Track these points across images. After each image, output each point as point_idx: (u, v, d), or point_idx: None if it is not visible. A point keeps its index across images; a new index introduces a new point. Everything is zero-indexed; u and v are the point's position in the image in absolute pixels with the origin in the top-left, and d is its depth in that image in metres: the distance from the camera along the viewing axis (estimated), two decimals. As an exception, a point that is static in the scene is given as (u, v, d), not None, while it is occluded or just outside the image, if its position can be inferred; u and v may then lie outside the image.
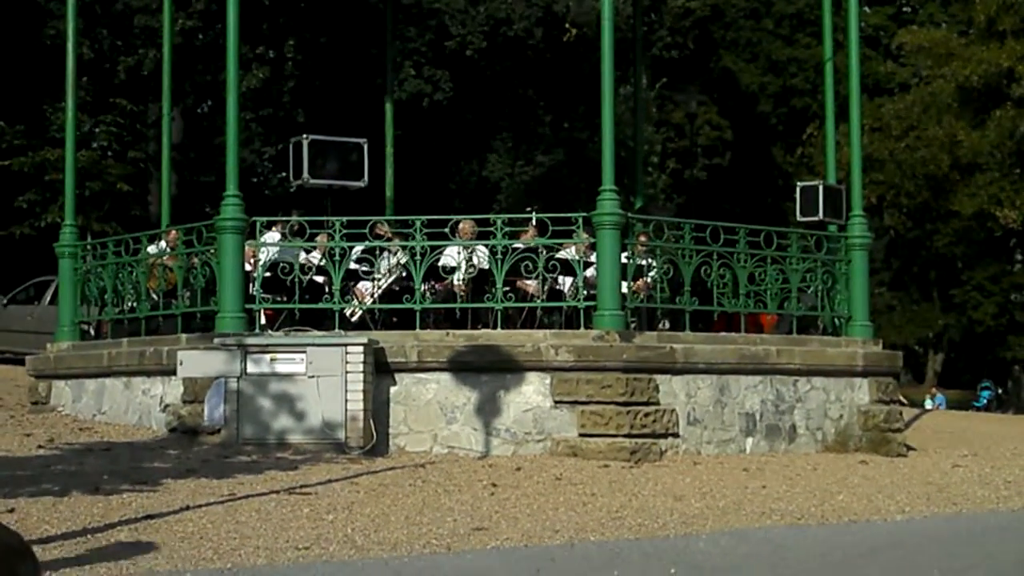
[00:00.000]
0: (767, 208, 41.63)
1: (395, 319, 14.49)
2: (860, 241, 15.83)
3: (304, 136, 15.42)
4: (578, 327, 13.67)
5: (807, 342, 15.19)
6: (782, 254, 15.15)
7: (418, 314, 13.73)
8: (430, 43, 35.97)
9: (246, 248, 14.04)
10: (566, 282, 14.39)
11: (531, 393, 13.20)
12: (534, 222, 14.81)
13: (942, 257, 46.15)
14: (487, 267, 13.92)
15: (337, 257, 13.80)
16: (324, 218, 14.50)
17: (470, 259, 14.16)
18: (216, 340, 13.10)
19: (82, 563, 7.26)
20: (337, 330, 13.55)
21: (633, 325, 14.05)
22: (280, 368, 12.70)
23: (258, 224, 14.39)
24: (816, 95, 40.17)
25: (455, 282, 14.23)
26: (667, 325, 15.38)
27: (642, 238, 14.30)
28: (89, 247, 16.68)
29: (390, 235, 14.97)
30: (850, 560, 8.71)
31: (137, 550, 7.71)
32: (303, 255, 14.70)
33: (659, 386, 13.43)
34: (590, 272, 13.92)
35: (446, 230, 14.06)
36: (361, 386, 12.64)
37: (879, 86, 44.23)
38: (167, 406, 14.02)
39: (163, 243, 16.11)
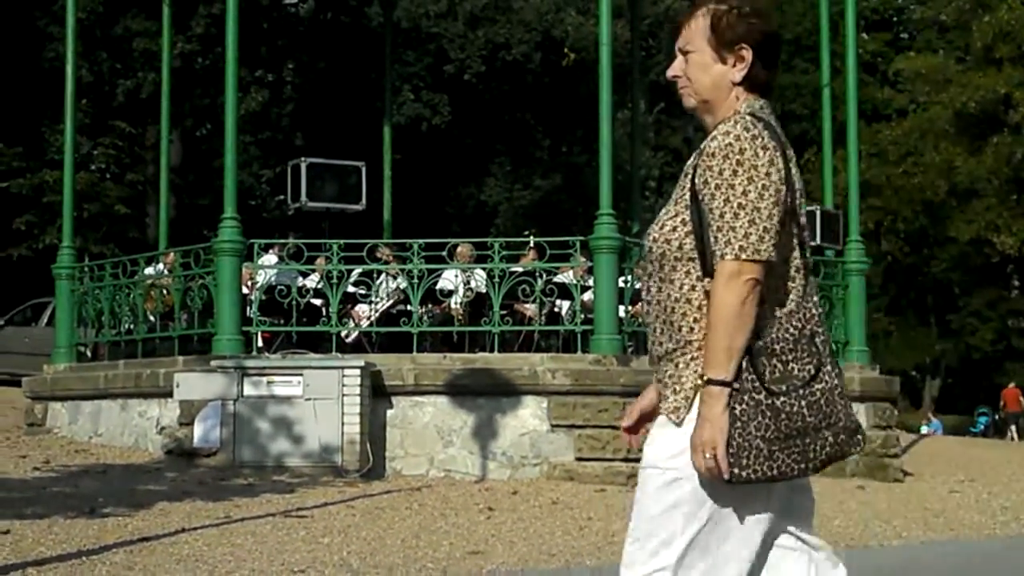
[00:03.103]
0: (765, 233, 41.55)
1: (392, 342, 14.48)
2: (857, 266, 15.84)
3: (302, 159, 15.44)
4: (575, 351, 13.66)
5: (804, 367, 15.15)
6: (779, 279, 15.12)
7: (415, 337, 13.72)
8: (429, 67, 36.10)
9: (243, 270, 14.05)
10: (563, 306, 14.39)
11: (528, 417, 13.19)
12: (532, 245, 14.81)
13: (939, 283, 46.25)
14: (484, 291, 13.93)
15: (335, 280, 13.81)
16: (322, 241, 14.52)
17: (467, 283, 14.16)
18: (213, 362, 13.09)
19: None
20: (334, 353, 13.55)
21: (630, 349, 14.04)
22: (277, 391, 12.69)
23: (256, 247, 14.40)
24: (814, 120, 40.20)
25: (452, 305, 14.23)
26: (664, 349, 15.34)
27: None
28: (86, 269, 16.67)
29: (391, 258, 14.98)
30: (846, 585, 8.69)
31: (132, 573, 7.69)
32: (300, 278, 14.71)
33: (656, 410, 13.39)
34: (587, 296, 13.92)
35: (444, 253, 14.07)
36: (358, 409, 12.63)
37: (877, 112, 44.35)
38: (163, 428, 13.99)
39: (160, 265, 16.11)
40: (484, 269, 14.03)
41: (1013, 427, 38.10)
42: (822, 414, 3.32)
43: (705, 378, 3.29)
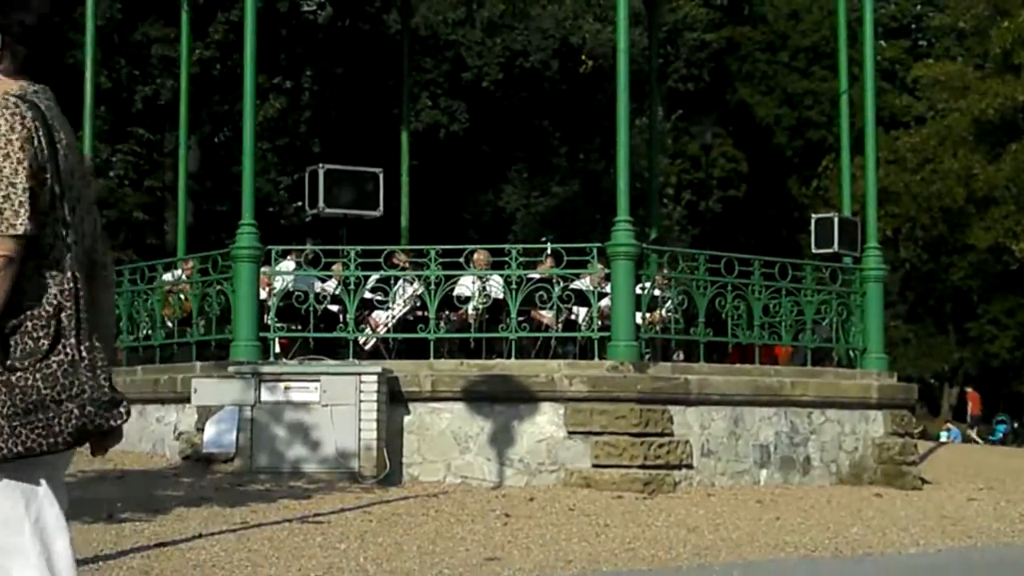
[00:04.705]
0: (782, 240, 41.57)
1: (409, 348, 14.49)
2: (875, 273, 15.81)
3: (320, 165, 15.47)
4: (592, 358, 13.66)
5: (821, 374, 15.16)
6: (797, 286, 15.14)
7: (432, 343, 13.73)
8: (447, 74, 36.10)
9: (261, 276, 14.07)
10: (580, 312, 14.38)
11: (545, 423, 13.19)
12: (549, 251, 14.82)
13: (958, 290, 46.06)
14: (502, 297, 13.93)
15: (352, 286, 13.83)
16: (339, 247, 14.55)
17: (485, 289, 14.17)
18: (231, 368, 13.12)
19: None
20: (351, 359, 13.56)
21: (647, 356, 14.03)
22: (294, 396, 12.71)
23: (273, 253, 14.43)
24: (832, 128, 40.16)
25: (470, 312, 14.24)
26: (681, 356, 15.36)
27: (664, 271, 14.30)
28: (105, 275, 16.70)
29: (407, 264, 15.00)
30: (864, 593, 8.67)
31: (149, 577, 7.71)
32: (318, 284, 14.72)
33: (673, 417, 13.40)
34: (605, 303, 13.92)
35: (461, 260, 14.08)
36: (375, 415, 12.64)
37: (895, 119, 44.22)
38: (181, 434, 14.03)
39: (179, 271, 16.15)
40: (501, 275, 14.03)
41: (974, 431, 38.68)
42: (60, 387, 3.38)
43: None
